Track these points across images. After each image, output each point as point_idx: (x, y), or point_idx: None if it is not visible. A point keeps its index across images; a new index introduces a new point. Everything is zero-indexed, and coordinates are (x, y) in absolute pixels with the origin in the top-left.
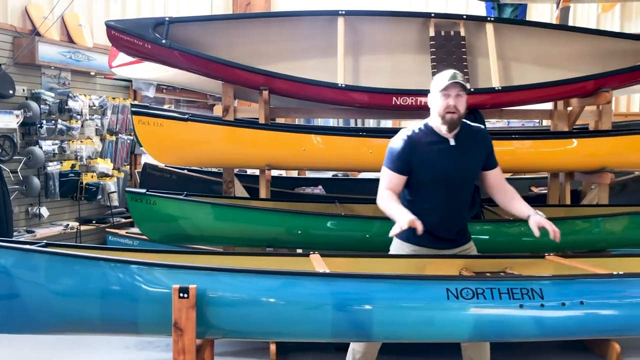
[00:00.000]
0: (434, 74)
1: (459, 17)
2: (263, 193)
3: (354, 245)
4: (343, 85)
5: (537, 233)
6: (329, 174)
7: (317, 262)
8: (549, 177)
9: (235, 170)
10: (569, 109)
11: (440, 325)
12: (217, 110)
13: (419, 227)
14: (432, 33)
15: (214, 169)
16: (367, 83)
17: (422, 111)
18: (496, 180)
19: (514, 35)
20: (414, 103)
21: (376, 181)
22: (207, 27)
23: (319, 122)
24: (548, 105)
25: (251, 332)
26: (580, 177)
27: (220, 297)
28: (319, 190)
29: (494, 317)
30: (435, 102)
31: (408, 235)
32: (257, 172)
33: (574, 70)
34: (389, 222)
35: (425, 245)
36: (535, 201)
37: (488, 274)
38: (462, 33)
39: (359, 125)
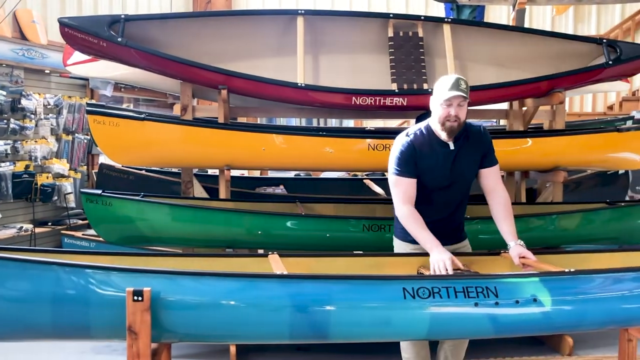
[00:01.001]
0: (392, 74)
1: (417, 18)
2: (223, 193)
3: (315, 244)
4: (303, 85)
5: (517, 262)
6: (291, 174)
7: (275, 263)
8: (505, 175)
9: (195, 171)
10: (524, 109)
11: (397, 325)
12: (177, 110)
13: (451, 267)
14: (390, 34)
15: (173, 169)
16: (327, 83)
17: (382, 111)
18: (490, 183)
19: (470, 36)
20: (373, 103)
21: (338, 181)
22: (164, 26)
23: (282, 121)
24: (504, 105)
25: (208, 335)
26: (535, 175)
27: (176, 300)
28: (280, 190)
29: (449, 315)
30: (436, 109)
31: (405, 234)
32: (217, 172)
33: (528, 71)
34: (348, 221)
35: None
36: None
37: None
38: (420, 34)
39: (322, 125)
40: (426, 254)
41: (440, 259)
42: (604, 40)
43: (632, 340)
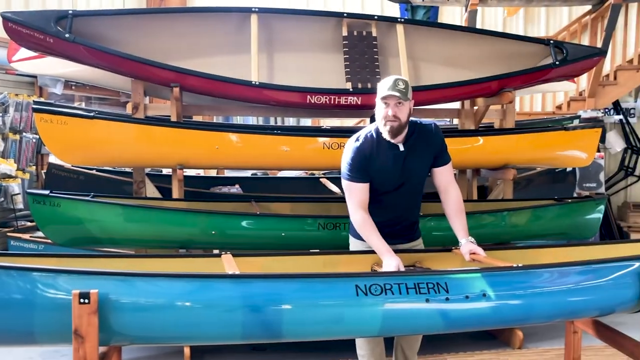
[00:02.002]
0: (347, 73)
1: (370, 17)
2: (176, 193)
3: (270, 244)
4: (257, 83)
5: (468, 258)
6: (247, 173)
7: (228, 263)
8: (457, 173)
9: (148, 170)
10: (475, 108)
11: (350, 322)
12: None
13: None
14: (345, 33)
15: (125, 169)
16: (282, 81)
17: (336, 110)
18: (443, 181)
19: (423, 36)
20: (328, 102)
21: (295, 180)
22: (115, 22)
23: (238, 120)
24: (457, 105)
25: (159, 337)
26: (486, 173)
27: (125, 302)
28: (236, 189)
29: (401, 311)
30: (378, 109)
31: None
32: (171, 171)
33: (479, 71)
34: (303, 220)
35: None
36: None
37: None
38: (374, 33)
39: (280, 124)
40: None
41: (393, 266)
42: (551, 41)
43: (577, 332)
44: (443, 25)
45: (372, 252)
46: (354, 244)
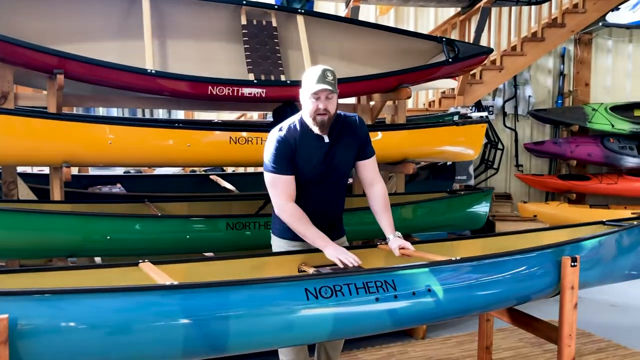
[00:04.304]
0: (248, 63)
1: (270, 7)
2: (57, 194)
3: (173, 248)
4: (152, 71)
5: (398, 254)
6: (122, 171)
7: (153, 272)
8: None
9: (19, 169)
10: (372, 103)
11: (301, 328)
12: None
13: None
14: (244, 21)
15: None
16: (176, 70)
17: (239, 102)
18: (368, 175)
19: (321, 29)
20: (230, 93)
21: (179, 177)
22: None
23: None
24: (352, 100)
25: None
26: (385, 168)
27: (43, 327)
28: (118, 189)
29: (352, 313)
30: (306, 102)
31: (283, 231)
32: (45, 170)
33: (374, 67)
34: (210, 220)
35: (302, 240)
36: None
37: (328, 267)
38: (274, 23)
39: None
40: (307, 251)
41: (341, 253)
42: (444, 39)
43: (490, 320)
44: (342, 19)
45: (299, 251)
46: (277, 244)
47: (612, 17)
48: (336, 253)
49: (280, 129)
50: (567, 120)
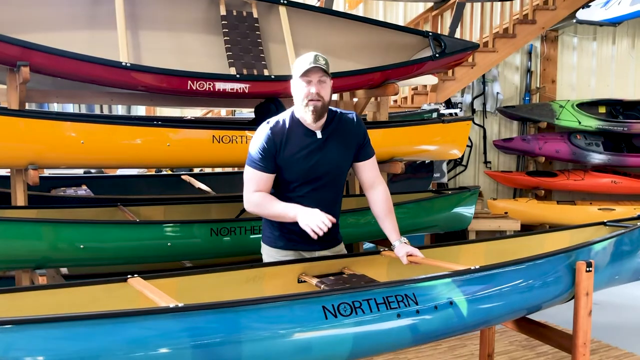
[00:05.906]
0: (229, 57)
1: None
2: (21, 199)
3: (153, 256)
4: (128, 65)
5: (405, 261)
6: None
7: (147, 289)
8: None
9: None
10: (355, 100)
11: (319, 350)
12: None
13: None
14: (223, 12)
15: None
16: (149, 63)
17: (218, 98)
18: (369, 177)
19: (304, 20)
20: (211, 89)
21: (147, 178)
22: None
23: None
24: (334, 97)
25: None
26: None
27: None
28: (84, 191)
29: (373, 331)
30: (297, 90)
31: (275, 240)
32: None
33: (358, 61)
34: (193, 226)
35: (296, 249)
36: None
37: (331, 277)
38: (255, 14)
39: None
40: (306, 260)
41: (313, 219)
42: (430, 33)
43: (491, 328)
44: (325, 11)
45: (298, 261)
46: (269, 253)
47: (582, 14)
48: (306, 221)
49: (268, 123)
50: (535, 117)
